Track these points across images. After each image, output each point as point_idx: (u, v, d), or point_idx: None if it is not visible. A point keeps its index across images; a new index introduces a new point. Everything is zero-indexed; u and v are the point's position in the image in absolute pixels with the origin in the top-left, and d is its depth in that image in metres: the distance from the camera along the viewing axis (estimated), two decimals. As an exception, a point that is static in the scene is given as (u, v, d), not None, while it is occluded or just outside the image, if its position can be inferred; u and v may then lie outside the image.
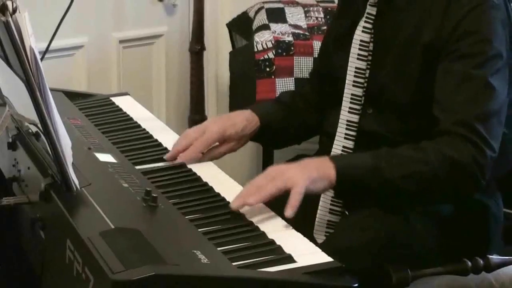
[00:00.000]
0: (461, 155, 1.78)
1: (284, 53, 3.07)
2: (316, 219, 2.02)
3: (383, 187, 1.81)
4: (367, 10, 1.98)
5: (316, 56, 3.03)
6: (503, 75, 1.86)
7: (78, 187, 1.64)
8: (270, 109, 2.16)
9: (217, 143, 2.04)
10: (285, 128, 2.16)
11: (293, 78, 3.08)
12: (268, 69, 3.07)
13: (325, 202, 2.01)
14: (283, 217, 1.70)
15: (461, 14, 1.85)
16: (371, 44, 1.98)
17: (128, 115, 2.27)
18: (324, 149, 2.08)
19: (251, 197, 1.70)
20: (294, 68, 3.08)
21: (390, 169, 1.79)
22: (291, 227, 1.66)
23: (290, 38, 3.10)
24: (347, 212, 2.01)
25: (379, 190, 1.82)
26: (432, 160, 1.79)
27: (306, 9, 3.31)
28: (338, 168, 1.78)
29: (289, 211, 1.68)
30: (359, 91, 1.99)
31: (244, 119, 2.07)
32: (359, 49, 1.99)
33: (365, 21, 1.98)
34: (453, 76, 1.84)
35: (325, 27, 3.16)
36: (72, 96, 2.42)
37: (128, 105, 2.36)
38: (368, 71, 1.99)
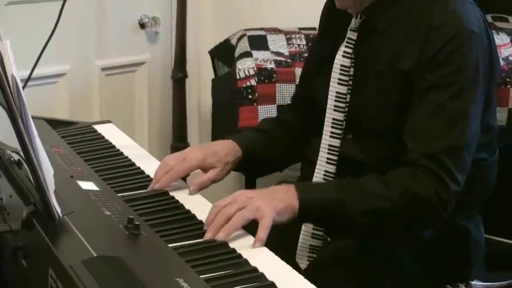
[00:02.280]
0: (424, 189, 1.79)
1: (266, 80, 3.09)
2: (299, 244, 2.02)
3: (344, 221, 1.83)
4: (347, 35, 1.98)
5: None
6: (477, 105, 1.86)
7: (61, 215, 1.63)
8: (252, 138, 2.14)
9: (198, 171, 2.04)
10: (267, 157, 2.15)
11: (275, 105, 3.09)
12: (250, 96, 3.08)
13: (307, 226, 2.01)
14: (266, 244, 1.70)
15: (440, 43, 1.84)
16: (352, 69, 1.98)
17: (110, 143, 2.27)
18: (306, 175, 2.08)
19: (221, 232, 1.70)
20: (276, 95, 3.09)
21: (352, 205, 1.80)
22: (274, 254, 1.66)
23: (272, 65, 3.11)
24: (329, 239, 2.01)
25: (340, 224, 1.84)
26: (394, 196, 1.80)
27: (288, 36, 3.32)
28: (301, 200, 1.79)
29: (258, 245, 1.69)
30: (340, 116, 1.99)
31: (225, 148, 2.06)
32: (340, 73, 1.98)
33: (346, 46, 1.98)
34: (427, 105, 1.84)
35: (307, 54, 3.17)
36: (54, 124, 2.41)
37: (110, 132, 2.36)
38: (349, 96, 1.99)
